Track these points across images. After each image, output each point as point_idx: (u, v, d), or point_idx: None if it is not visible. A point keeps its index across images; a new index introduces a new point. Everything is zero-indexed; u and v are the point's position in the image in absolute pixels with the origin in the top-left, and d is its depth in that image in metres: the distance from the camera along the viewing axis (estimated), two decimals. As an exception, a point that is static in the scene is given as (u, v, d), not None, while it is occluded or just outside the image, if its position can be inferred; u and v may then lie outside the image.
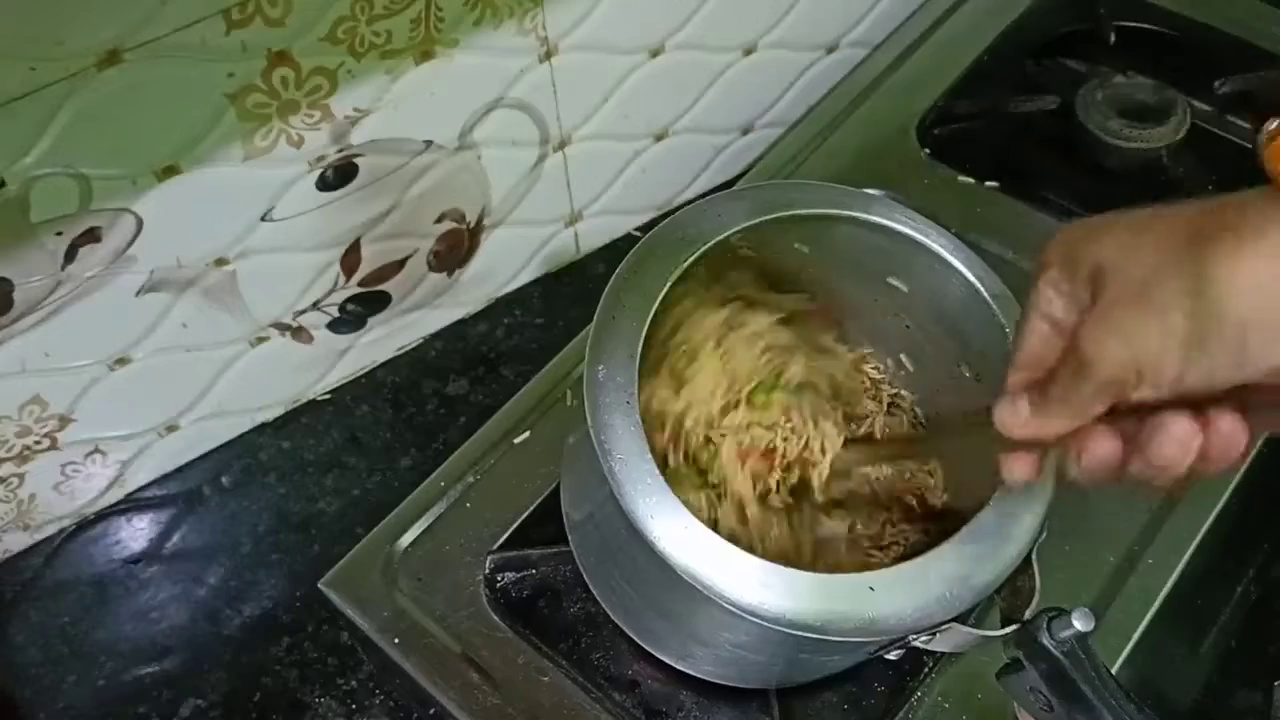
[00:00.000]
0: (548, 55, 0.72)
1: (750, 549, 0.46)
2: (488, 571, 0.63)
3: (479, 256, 0.82)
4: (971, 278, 0.54)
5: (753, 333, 0.59)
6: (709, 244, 0.51)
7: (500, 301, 0.86)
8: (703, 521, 0.46)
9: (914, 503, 0.60)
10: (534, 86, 0.73)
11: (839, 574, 0.46)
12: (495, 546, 0.63)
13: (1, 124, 0.53)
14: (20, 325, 0.62)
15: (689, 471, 0.56)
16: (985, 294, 0.53)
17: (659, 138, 0.86)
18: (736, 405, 0.57)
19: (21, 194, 0.56)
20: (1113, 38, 0.90)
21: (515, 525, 0.64)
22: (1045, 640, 0.45)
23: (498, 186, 0.78)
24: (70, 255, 0.60)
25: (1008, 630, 0.47)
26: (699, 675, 0.58)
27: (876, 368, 0.65)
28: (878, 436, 0.63)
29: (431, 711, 0.60)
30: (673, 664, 0.58)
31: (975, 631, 0.47)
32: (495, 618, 0.61)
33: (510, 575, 0.63)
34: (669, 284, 0.50)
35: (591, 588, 0.60)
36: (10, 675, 0.69)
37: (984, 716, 0.56)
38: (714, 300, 0.59)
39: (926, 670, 0.58)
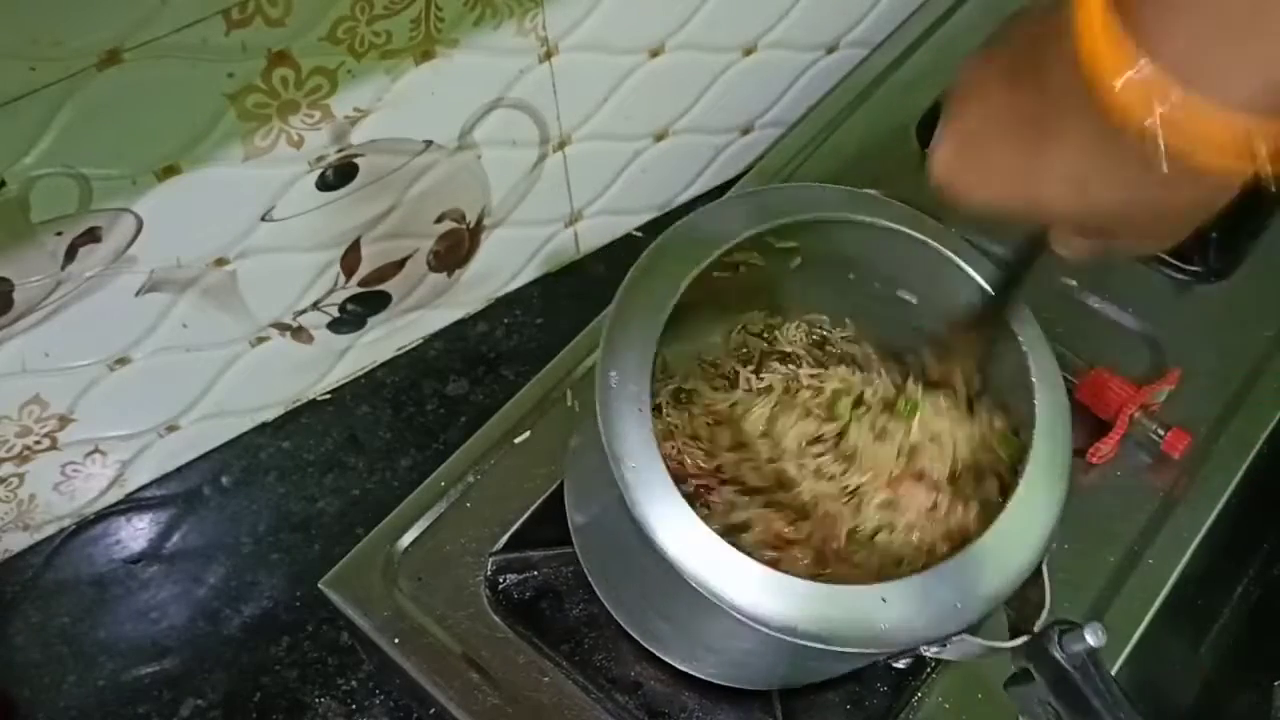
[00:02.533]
0: (548, 55, 0.72)
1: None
2: (489, 573, 0.63)
3: (479, 256, 0.82)
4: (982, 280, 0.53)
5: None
6: (725, 246, 0.50)
7: (500, 301, 0.86)
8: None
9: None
10: (534, 86, 0.73)
11: (848, 585, 0.45)
12: (497, 548, 0.63)
13: (1, 124, 0.53)
14: (20, 325, 0.62)
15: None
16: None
17: (659, 138, 0.86)
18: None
19: (21, 194, 0.56)
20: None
21: (516, 526, 0.64)
22: (1056, 653, 0.45)
23: (498, 186, 0.78)
24: (70, 255, 0.60)
25: (1018, 642, 0.47)
26: (702, 677, 0.58)
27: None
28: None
29: (431, 711, 0.60)
30: (677, 665, 0.58)
31: (986, 643, 0.47)
32: (496, 618, 0.61)
33: (512, 577, 0.63)
34: (683, 286, 0.49)
35: (596, 589, 0.60)
36: (10, 675, 0.69)
37: (984, 717, 0.56)
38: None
39: (928, 671, 0.58)
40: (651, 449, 0.45)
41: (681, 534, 0.44)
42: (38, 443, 0.68)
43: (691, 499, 0.49)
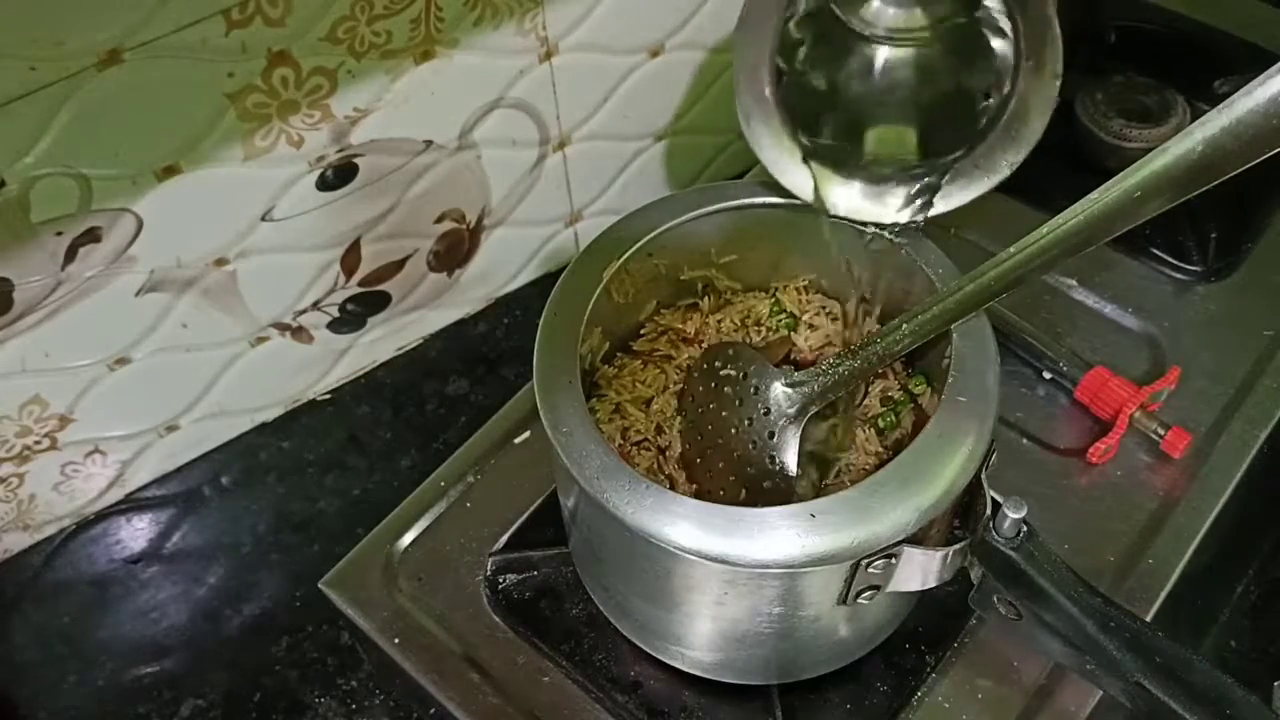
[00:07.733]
0: (548, 55, 0.72)
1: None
2: (489, 573, 0.63)
3: (479, 256, 0.82)
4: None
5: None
6: (638, 244, 0.56)
7: (500, 301, 0.86)
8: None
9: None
10: (534, 86, 0.73)
11: (780, 505, 0.46)
12: (497, 548, 0.63)
13: (1, 124, 0.53)
14: (20, 325, 0.62)
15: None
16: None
17: (659, 138, 0.86)
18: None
19: (21, 194, 0.56)
20: (1113, 38, 0.90)
21: (516, 525, 0.64)
22: (991, 539, 0.44)
23: (498, 186, 0.78)
24: (70, 255, 0.60)
25: (960, 545, 0.47)
26: (698, 672, 0.58)
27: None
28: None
29: (431, 711, 0.60)
30: (667, 660, 0.58)
31: (931, 552, 0.47)
32: (496, 618, 0.61)
33: (512, 577, 0.63)
34: (605, 280, 0.55)
35: (584, 584, 0.60)
36: (10, 675, 0.69)
37: (985, 716, 0.56)
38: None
39: (928, 670, 0.58)
40: (581, 414, 0.49)
41: (614, 480, 0.47)
42: (38, 443, 0.68)
43: (637, 457, 0.57)
